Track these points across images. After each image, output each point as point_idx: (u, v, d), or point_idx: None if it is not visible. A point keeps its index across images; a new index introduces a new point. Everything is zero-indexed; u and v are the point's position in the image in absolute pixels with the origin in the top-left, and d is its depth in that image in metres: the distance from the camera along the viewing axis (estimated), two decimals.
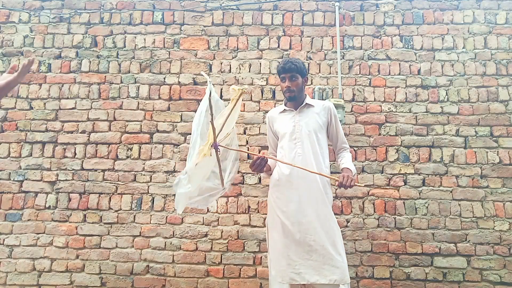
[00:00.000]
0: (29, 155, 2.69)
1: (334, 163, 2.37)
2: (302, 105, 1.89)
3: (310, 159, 1.79)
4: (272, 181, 1.86)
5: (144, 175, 2.64)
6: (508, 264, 2.45)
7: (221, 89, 2.75)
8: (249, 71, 2.75)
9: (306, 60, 2.76)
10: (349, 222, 2.56)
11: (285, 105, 1.96)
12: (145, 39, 2.80)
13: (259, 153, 2.40)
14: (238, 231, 2.56)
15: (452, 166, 2.59)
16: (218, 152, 1.60)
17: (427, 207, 2.55)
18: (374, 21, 2.79)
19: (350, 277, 2.37)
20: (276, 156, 1.94)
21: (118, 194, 2.62)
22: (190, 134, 2.57)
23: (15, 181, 2.65)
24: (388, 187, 2.58)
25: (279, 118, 1.93)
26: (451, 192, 2.56)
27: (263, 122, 2.69)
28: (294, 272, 1.67)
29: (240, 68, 2.76)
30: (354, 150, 2.65)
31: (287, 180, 1.78)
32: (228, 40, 2.79)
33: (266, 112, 2.68)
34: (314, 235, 1.69)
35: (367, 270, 2.50)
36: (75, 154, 2.68)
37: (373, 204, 2.57)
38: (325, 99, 2.60)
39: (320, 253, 1.67)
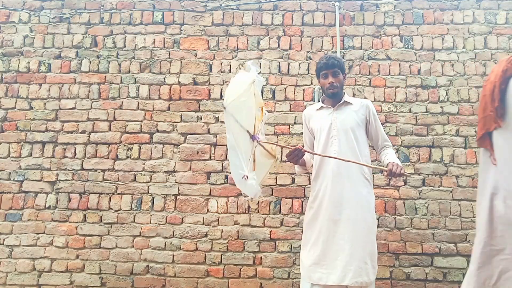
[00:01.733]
0: (29, 155, 2.69)
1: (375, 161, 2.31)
2: (340, 102, 1.85)
3: (347, 157, 1.73)
4: (312, 178, 1.86)
5: (144, 175, 2.64)
6: None
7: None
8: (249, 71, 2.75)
9: (306, 60, 2.76)
10: None
11: (322, 102, 1.92)
12: (145, 39, 2.80)
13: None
14: (238, 231, 2.56)
15: (452, 166, 2.59)
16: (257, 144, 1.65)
17: (427, 207, 2.54)
18: (374, 21, 2.79)
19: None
20: (312, 158, 1.92)
21: (118, 194, 2.62)
22: (190, 134, 2.66)
23: (15, 181, 2.65)
24: (388, 187, 2.58)
25: (316, 116, 1.89)
26: (451, 192, 2.55)
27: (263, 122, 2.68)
28: (321, 272, 1.66)
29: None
30: None
31: (324, 177, 1.76)
32: (228, 40, 2.79)
33: (268, 112, 2.68)
34: (344, 234, 1.66)
35: None
36: (75, 154, 2.68)
37: None
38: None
39: (347, 253, 1.64)
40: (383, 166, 1.78)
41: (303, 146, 1.69)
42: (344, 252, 1.64)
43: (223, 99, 1.78)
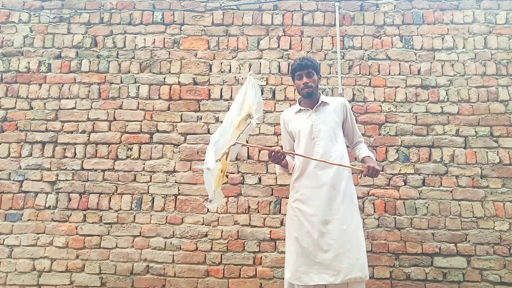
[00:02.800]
0: (29, 155, 2.68)
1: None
2: (318, 103, 1.87)
3: (331, 158, 1.78)
4: (292, 180, 1.86)
5: (144, 175, 2.64)
6: (508, 264, 2.44)
7: (221, 89, 2.74)
8: (249, 71, 2.74)
9: None
10: None
11: (299, 104, 1.93)
12: (145, 39, 2.80)
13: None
14: (238, 231, 2.55)
15: (452, 166, 2.59)
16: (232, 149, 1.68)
17: (427, 207, 2.54)
18: (374, 21, 2.79)
19: None
20: (293, 159, 1.92)
21: (118, 194, 2.62)
22: (190, 134, 2.66)
23: (15, 181, 2.64)
24: (388, 187, 2.58)
25: (295, 118, 1.91)
26: (451, 192, 2.55)
27: (264, 122, 2.68)
28: (312, 272, 1.67)
29: (240, 68, 2.75)
30: None
31: (307, 179, 1.78)
32: (228, 40, 2.79)
33: (266, 112, 2.69)
34: (333, 233, 1.69)
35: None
36: (75, 154, 2.68)
37: (373, 204, 2.57)
38: None
39: (338, 252, 1.66)
40: (360, 165, 1.81)
41: (282, 147, 1.70)
42: (335, 251, 1.66)
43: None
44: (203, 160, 2.55)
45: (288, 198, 2.42)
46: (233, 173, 2.63)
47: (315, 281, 1.67)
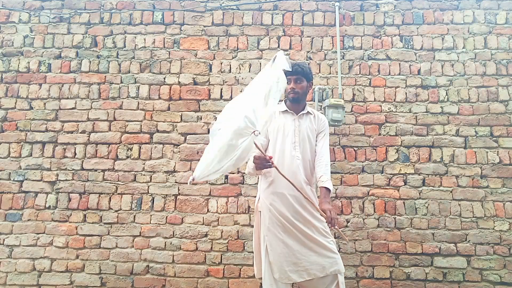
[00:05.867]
0: (29, 155, 2.68)
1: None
2: (304, 112, 1.94)
3: (306, 165, 1.87)
4: (264, 184, 1.87)
5: (144, 175, 2.64)
6: (508, 264, 2.45)
7: (221, 89, 2.74)
8: (249, 71, 2.74)
9: (306, 60, 2.76)
10: (349, 222, 2.56)
11: (285, 104, 1.97)
12: (145, 39, 2.80)
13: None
14: (238, 231, 2.56)
15: (452, 166, 2.59)
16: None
17: (427, 207, 2.55)
18: (374, 21, 2.79)
19: (350, 277, 2.44)
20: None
21: (118, 194, 2.62)
22: (190, 134, 2.65)
23: (15, 181, 2.64)
24: (388, 187, 2.58)
25: (280, 117, 1.93)
26: (451, 192, 2.55)
27: None
28: (301, 269, 1.75)
29: (240, 68, 2.75)
30: (354, 150, 2.65)
31: (281, 182, 1.81)
32: (228, 40, 2.79)
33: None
34: (313, 234, 1.78)
35: (367, 270, 2.50)
36: (75, 154, 2.68)
37: (373, 204, 2.57)
38: (325, 99, 2.61)
39: (320, 248, 1.78)
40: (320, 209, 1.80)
41: (271, 158, 1.71)
42: (316, 249, 1.77)
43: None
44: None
45: None
46: (233, 173, 2.63)
47: (305, 278, 1.77)
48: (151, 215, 2.59)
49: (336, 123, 2.50)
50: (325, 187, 1.82)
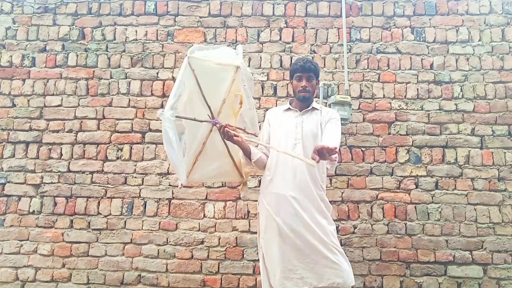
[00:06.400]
0: (11, 156, 2.57)
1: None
2: (309, 108, 1.86)
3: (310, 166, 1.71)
4: (263, 183, 1.84)
5: (135, 177, 2.54)
6: None
7: None
8: (249, 66, 2.62)
9: (310, 53, 2.64)
10: (356, 228, 2.44)
11: (290, 104, 1.92)
12: (136, 31, 2.69)
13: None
14: (236, 237, 2.46)
15: (467, 168, 2.47)
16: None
17: (440, 212, 2.44)
18: (383, 12, 2.66)
19: (358, 287, 2.26)
20: (267, 155, 1.86)
21: (108, 198, 2.52)
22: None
23: None
24: (398, 191, 2.47)
25: (281, 116, 1.90)
26: (466, 196, 2.45)
27: (263, 120, 2.53)
28: (296, 277, 1.67)
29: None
30: (361, 150, 2.54)
31: (280, 181, 1.76)
32: (226, 32, 2.67)
33: (267, 110, 2.53)
34: (312, 240, 1.68)
35: (376, 279, 2.39)
36: (61, 155, 2.58)
37: (382, 208, 2.46)
38: (330, 96, 2.49)
39: (319, 256, 1.67)
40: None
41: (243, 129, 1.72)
42: (315, 256, 1.67)
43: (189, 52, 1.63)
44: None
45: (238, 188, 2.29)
46: None
47: (300, 287, 1.68)
48: (143, 221, 2.49)
49: (342, 122, 2.32)
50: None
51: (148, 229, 2.47)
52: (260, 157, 1.83)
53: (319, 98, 2.50)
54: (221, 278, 2.40)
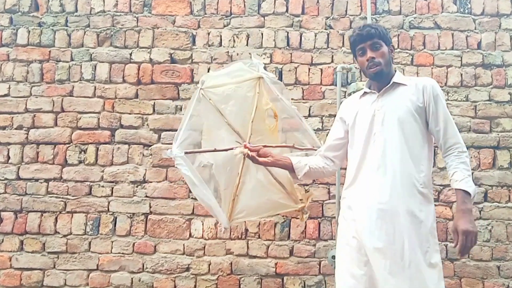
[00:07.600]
0: None
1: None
2: (388, 85, 1.50)
3: (393, 166, 1.40)
4: (345, 184, 1.61)
5: (103, 186, 2.28)
6: None
7: (209, 69, 2.30)
8: (247, 45, 2.35)
9: (325, 29, 2.34)
10: None
11: (368, 87, 1.59)
12: (104, 1, 2.41)
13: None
14: (231, 263, 2.20)
15: None
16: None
17: (490, 231, 2.17)
18: None
19: None
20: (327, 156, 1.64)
21: (68, 212, 2.26)
22: (166, 130, 2.23)
23: None
24: (437, 203, 2.14)
25: (356, 105, 1.58)
26: None
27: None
28: None
29: (234, 41, 2.36)
30: None
31: (358, 184, 1.50)
32: (218, 2, 2.39)
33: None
34: (390, 267, 1.36)
35: None
36: (9, 158, 2.30)
37: None
38: (350, 83, 2.18)
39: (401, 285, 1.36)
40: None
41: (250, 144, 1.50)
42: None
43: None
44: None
45: (299, 218, 1.98)
46: None
47: None
48: (112, 242, 2.22)
49: None
50: (462, 190, 1.36)
51: (119, 252, 2.20)
52: (308, 169, 1.58)
53: (336, 85, 2.20)
54: None
